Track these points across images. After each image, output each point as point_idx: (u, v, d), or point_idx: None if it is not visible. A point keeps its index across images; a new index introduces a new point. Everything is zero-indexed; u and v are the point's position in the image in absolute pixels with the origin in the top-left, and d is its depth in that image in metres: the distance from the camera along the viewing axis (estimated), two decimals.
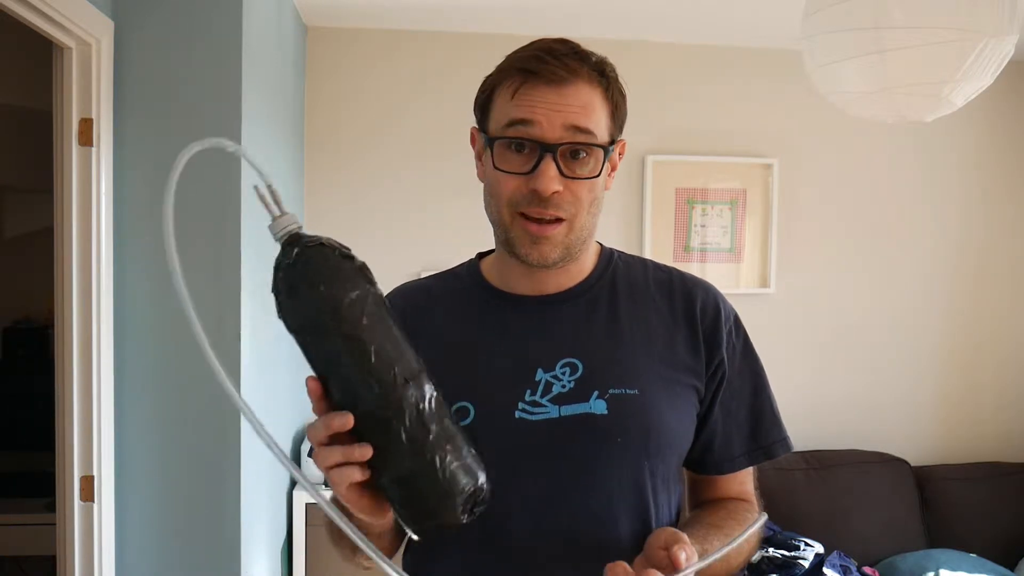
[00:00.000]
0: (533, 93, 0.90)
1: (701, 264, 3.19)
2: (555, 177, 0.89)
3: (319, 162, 3.02)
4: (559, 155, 0.90)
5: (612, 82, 0.95)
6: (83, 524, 1.82)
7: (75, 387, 1.79)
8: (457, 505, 0.73)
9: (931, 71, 1.56)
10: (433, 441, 0.72)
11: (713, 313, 1.01)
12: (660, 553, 0.80)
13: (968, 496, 3.11)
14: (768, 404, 1.05)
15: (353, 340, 0.71)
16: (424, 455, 0.72)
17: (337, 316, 0.71)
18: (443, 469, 0.72)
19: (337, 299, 0.71)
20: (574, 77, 0.91)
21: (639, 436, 0.94)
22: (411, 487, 0.73)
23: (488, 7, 2.75)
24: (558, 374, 0.95)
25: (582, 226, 0.94)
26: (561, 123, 0.89)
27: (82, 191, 1.78)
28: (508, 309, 1.00)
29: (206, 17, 1.89)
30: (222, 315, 1.91)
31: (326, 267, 0.74)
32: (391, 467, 0.73)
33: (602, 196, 0.96)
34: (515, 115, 0.91)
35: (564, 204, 0.91)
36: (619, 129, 0.97)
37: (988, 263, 3.39)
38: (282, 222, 0.79)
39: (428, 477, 0.72)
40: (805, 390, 3.26)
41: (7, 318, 3.94)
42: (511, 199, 0.92)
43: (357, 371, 0.71)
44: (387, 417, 0.71)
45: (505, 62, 0.95)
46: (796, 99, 3.16)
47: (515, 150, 0.92)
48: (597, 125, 0.92)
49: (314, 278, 0.73)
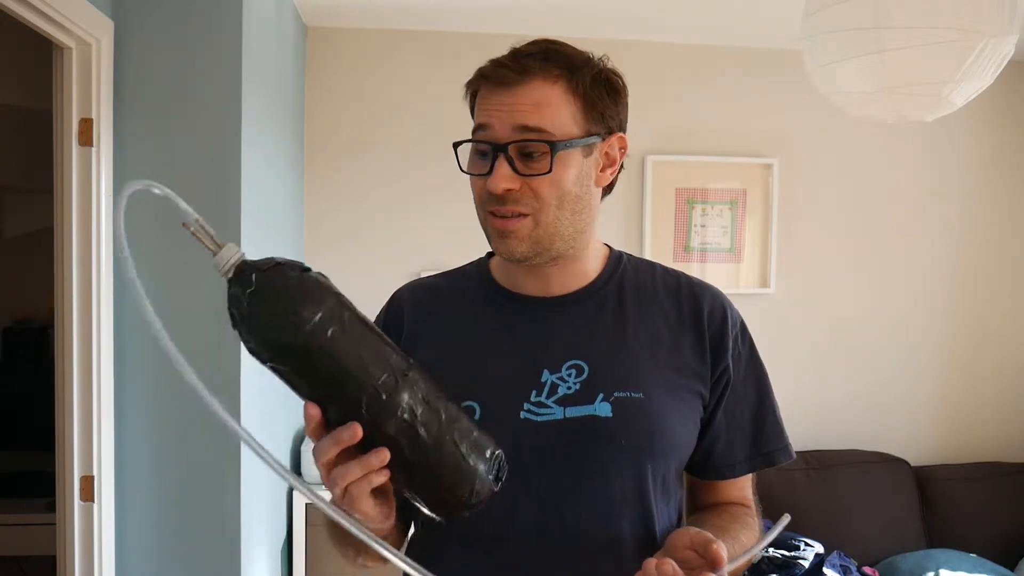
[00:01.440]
0: (489, 97, 0.93)
1: (701, 264, 3.19)
2: (506, 176, 0.90)
3: (319, 162, 3.02)
4: (512, 153, 0.91)
5: (584, 76, 0.93)
6: (83, 524, 1.82)
7: (75, 387, 1.79)
8: (487, 478, 0.75)
9: (931, 71, 1.56)
10: (444, 428, 0.73)
11: (720, 319, 1.01)
12: (688, 554, 0.80)
13: (968, 496, 3.11)
14: (771, 411, 1.05)
15: (335, 354, 0.70)
16: (441, 445, 0.72)
17: (314, 334, 0.69)
18: (462, 452, 0.73)
19: (310, 317, 0.69)
20: (527, 77, 0.91)
21: (643, 440, 0.94)
22: (437, 479, 0.74)
23: (488, 7, 2.75)
24: (564, 375, 0.95)
25: (551, 222, 0.93)
26: (511, 123, 0.91)
27: (82, 191, 1.78)
28: (515, 309, 1.00)
29: (206, 17, 1.89)
30: (222, 315, 1.90)
31: (288, 287, 0.71)
32: (411, 467, 0.73)
33: (581, 192, 0.94)
34: (477, 119, 0.95)
35: (523, 200, 0.92)
36: (601, 123, 0.95)
37: (988, 263, 3.39)
38: (225, 254, 0.73)
39: (452, 465, 0.73)
40: (805, 390, 3.26)
41: (7, 318, 3.94)
42: (480, 199, 0.95)
43: (349, 384, 0.71)
44: (391, 419, 0.72)
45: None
46: (796, 99, 3.16)
47: (479, 155, 0.95)
48: (552, 122, 0.91)
49: (280, 301, 0.70)
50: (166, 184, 0.72)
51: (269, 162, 2.30)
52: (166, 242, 1.90)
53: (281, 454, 2.60)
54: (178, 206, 0.72)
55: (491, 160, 0.91)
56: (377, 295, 1.11)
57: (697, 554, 0.80)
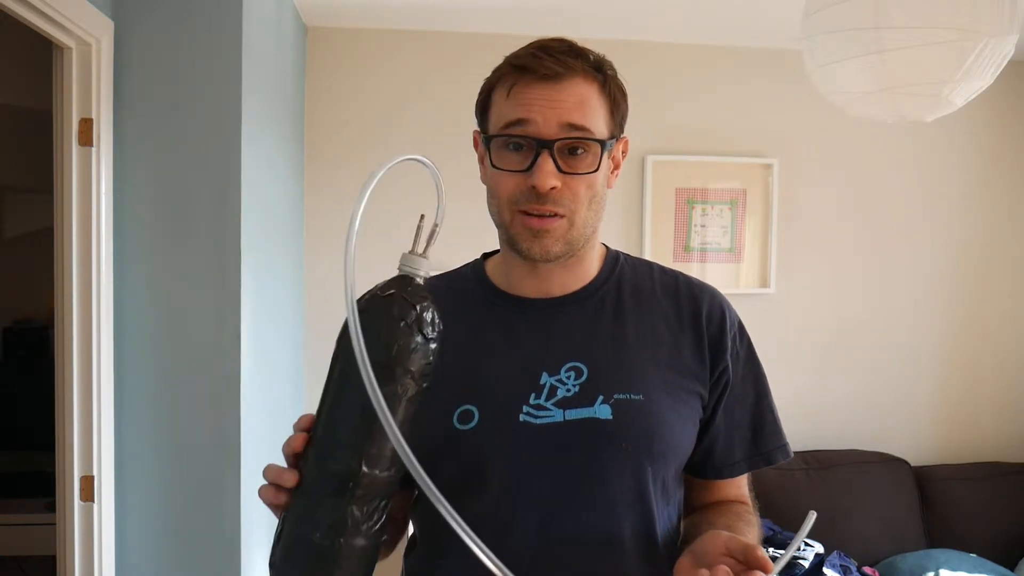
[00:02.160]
0: (528, 90, 0.91)
1: (701, 264, 3.19)
2: (552, 173, 0.89)
3: (319, 162, 3.02)
4: (556, 151, 0.90)
5: (610, 79, 0.94)
6: (83, 524, 1.82)
7: (75, 387, 1.79)
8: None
9: (931, 71, 1.56)
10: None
11: (719, 320, 1.01)
12: (727, 560, 0.78)
13: (968, 496, 3.11)
14: (769, 410, 1.05)
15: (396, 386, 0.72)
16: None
17: (400, 362, 0.72)
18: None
19: (405, 349, 0.72)
20: (569, 73, 0.90)
21: (643, 441, 0.93)
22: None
23: (488, 7, 2.75)
24: (563, 378, 0.94)
25: (583, 222, 0.94)
26: (557, 119, 0.89)
27: (82, 191, 1.78)
28: (513, 311, 1.00)
29: (206, 17, 1.89)
30: (222, 315, 1.91)
31: (409, 318, 0.74)
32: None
33: (604, 193, 0.96)
34: (511, 114, 0.91)
35: (562, 200, 0.91)
36: (619, 127, 0.97)
37: (988, 263, 3.39)
38: (417, 262, 0.80)
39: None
40: (805, 390, 3.26)
41: (7, 318, 3.94)
42: (511, 197, 0.93)
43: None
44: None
45: (502, 62, 0.95)
46: (796, 99, 3.16)
47: (513, 149, 0.92)
48: (594, 121, 0.91)
49: (397, 317, 0.74)
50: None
51: (269, 162, 2.30)
52: (166, 242, 1.90)
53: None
54: (439, 198, 0.80)
55: (533, 156, 0.90)
56: None
57: (736, 560, 0.78)
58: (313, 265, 3.02)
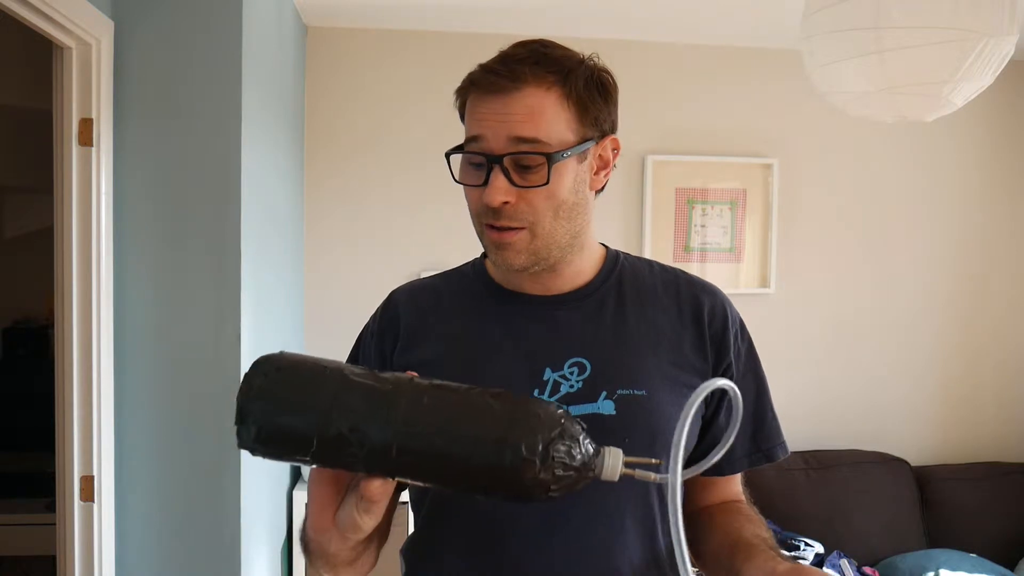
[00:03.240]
0: (480, 105, 0.91)
1: (701, 264, 3.19)
2: (502, 188, 0.89)
3: (319, 162, 3.02)
4: (507, 166, 0.89)
5: (577, 80, 0.91)
6: (83, 524, 1.82)
7: (75, 387, 1.79)
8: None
9: (931, 71, 1.56)
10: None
11: (721, 318, 1.01)
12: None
13: (968, 496, 3.11)
14: (769, 408, 1.05)
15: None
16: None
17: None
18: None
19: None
20: (519, 84, 0.89)
21: (646, 437, 0.93)
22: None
23: (488, 7, 2.75)
24: (566, 374, 0.94)
25: (549, 232, 0.92)
26: (505, 134, 0.88)
27: (82, 191, 1.78)
28: (516, 308, 1.00)
29: (206, 17, 1.89)
30: (222, 315, 1.91)
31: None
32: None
33: (576, 199, 0.93)
34: (469, 129, 0.93)
35: (518, 214, 0.90)
36: (595, 127, 0.94)
37: (988, 263, 3.39)
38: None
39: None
40: (805, 390, 3.26)
41: (7, 318, 3.95)
42: (477, 211, 0.94)
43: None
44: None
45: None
46: (796, 99, 3.16)
47: (473, 165, 0.93)
48: (547, 131, 0.89)
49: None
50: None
51: (269, 162, 2.30)
52: (166, 242, 1.90)
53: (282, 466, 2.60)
54: (735, 413, 0.75)
55: (486, 172, 0.90)
56: (377, 295, 1.11)
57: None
58: (313, 265, 3.02)
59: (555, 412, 0.71)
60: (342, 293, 3.01)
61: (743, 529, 0.96)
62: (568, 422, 0.71)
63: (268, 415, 0.69)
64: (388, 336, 1.02)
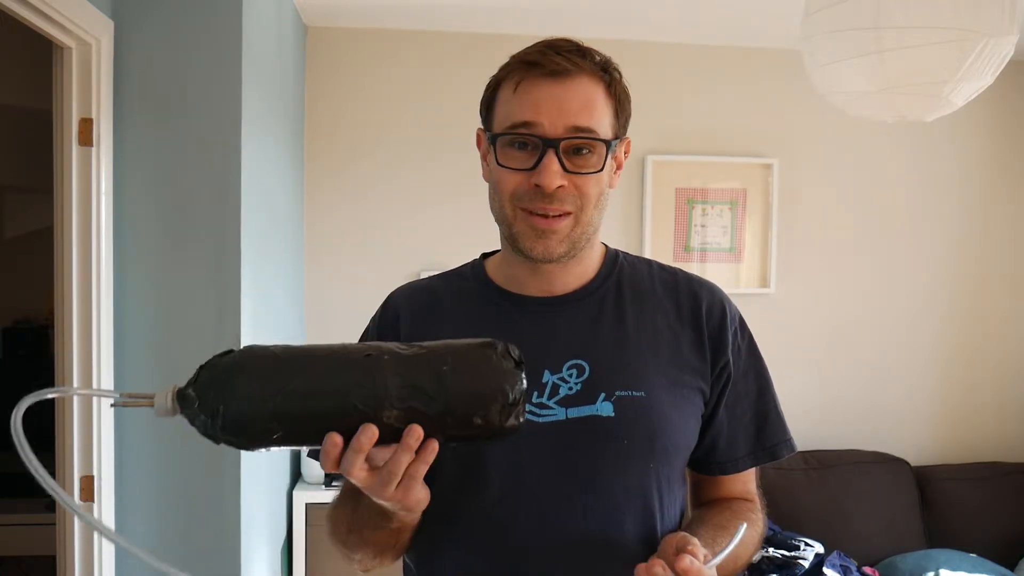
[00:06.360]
0: (535, 87, 0.91)
1: (701, 264, 3.19)
2: (558, 172, 0.90)
3: (319, 162, 3.02)
4: (562, 150, 0.90)
5: (615, 80, 0.95)
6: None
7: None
8: (505, 371, 0.75)
9: (931, 71, 1.56)
10: (439, 371, 0.73)
11: (719, 315, 1.01)
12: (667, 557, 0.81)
13: (968, 496, 3.11)
14: (773, 405, 1.05)
15: (304, 395, 0.72)
16: (449, 385, 0.73)
17: (269, 397, 0.71)
18: (470, 375, 0.74)
19: (257, 386, 0.72)
20: (577, 71, 0.91)
21: (645, 438, 0.93)
22: (467, 413, 0.74)
23: (488, 7, 2.75)
24: (565, 376, 0.94)
25: (588, 221, 0.94)
26: (563, 119, 0.90)
27: (82, 191, 1.78)
28: (514, 310, 1.00)
29: (206, 17, 1.89)
30: (222, 315, 1.91)
31: (224, 375, 0.73)
32: (439, 421, 0.73)
33: (607, 193, 0.97)
34: (518, 112, 0.91)
35: (568, 198, 0.92)
36: (623, 127, 0.97)
37: (988, 263, 3.39)
38: (159, 400, 0.77)
39: (471, 391, 0.74)
40: (805, 390, 3.26)
41: (7, 318, 3.94)
42: (514, 194, 0.93)
43: (332, 404, 0.72)
44: (390, 399, 0.72)
45: (509, 59, 0.96)
46: (796, 99, 3.16)
47: (518, 147, 0.92)
48: (600, 121, 0.92)
49: (229, 390, 0.73)
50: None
51: (269, 162, 2.30)
52: (166, 242, 1.90)
53: (281, 462, 2.60)
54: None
55: (538, 155, 0.90)
56: (377, 294, 1.11)
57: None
58: (313, 265, 3.02)
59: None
60: (342, 293, 3.01)
61: (711, 521, 0.97)
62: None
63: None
64: (388, 338, 1.02)
